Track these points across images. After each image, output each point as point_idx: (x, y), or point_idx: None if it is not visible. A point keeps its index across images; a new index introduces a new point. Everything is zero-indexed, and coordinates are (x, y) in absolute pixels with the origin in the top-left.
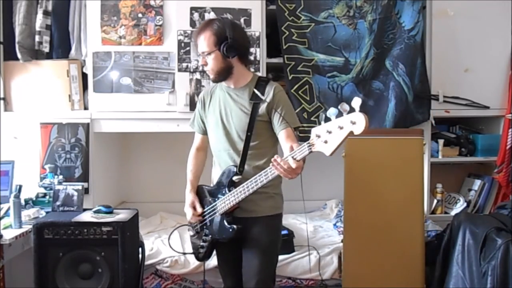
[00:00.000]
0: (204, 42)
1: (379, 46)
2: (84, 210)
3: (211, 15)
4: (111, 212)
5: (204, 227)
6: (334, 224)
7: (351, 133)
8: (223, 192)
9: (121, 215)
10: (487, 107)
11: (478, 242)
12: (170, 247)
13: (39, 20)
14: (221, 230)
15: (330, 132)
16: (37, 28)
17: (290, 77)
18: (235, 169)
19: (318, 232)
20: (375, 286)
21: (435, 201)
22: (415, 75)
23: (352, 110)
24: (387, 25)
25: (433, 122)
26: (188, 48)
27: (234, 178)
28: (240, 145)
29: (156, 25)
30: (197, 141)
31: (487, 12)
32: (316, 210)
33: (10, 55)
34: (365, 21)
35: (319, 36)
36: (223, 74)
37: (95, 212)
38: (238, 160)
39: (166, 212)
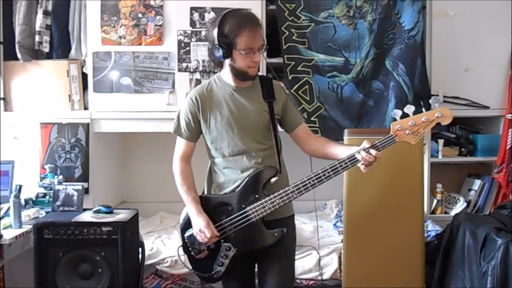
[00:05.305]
0: (261, 35)
1: (379, 46)
2: (84, 210)
3: (211, 15)
4: (111, 212)
5: (222, 241)
6: (334, 224)
7: (437, 123)
8: (257, 196)
9: (121, 215)
10: (487, 107)
11: (478, 242)
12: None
13: (39, 20)
14: (261, 238)
15: (414, 125)
16: (37, 28)
17: (290, 77)
18: (277, 169)
19: (318, 232)
20: (375, 286)
21: (435, 201)
22: (415, 75)
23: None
24: (387, 25)
25: None
26: (188, 48)
27: (273, 179)
28: (260, 146)
29: (156, 25)
30: (184, 150)
31: (487, 12)
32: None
33: (10, 55)
34: (365, 21)
35: (319, 36)
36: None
37: (95, 212)
38: (260, 162)
39: (166, 212)
